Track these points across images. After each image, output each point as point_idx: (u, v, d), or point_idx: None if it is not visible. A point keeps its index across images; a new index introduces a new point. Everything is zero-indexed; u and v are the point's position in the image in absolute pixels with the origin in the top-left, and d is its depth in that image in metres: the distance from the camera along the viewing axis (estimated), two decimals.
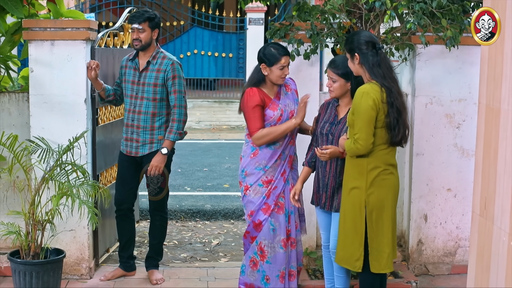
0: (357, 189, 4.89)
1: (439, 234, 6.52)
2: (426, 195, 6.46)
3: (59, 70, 6.08)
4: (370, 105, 4.74)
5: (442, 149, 6.43)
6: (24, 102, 6.28)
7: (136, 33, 5.95)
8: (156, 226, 6.25)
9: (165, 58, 6.03)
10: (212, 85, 20.84)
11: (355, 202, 4.90)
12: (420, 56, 6.31)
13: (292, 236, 5.58)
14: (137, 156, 6.09)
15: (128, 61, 6.14)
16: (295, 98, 5.61)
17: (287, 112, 5.50)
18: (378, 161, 4.88)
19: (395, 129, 4.84)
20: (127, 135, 6.11)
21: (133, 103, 6.05)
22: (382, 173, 4.90)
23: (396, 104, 4.82)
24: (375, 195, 4.88)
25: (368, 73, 4.88)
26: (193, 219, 8.60)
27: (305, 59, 6.09)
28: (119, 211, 6.26)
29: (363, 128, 4.76)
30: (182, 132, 6.03)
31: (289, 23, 6.18)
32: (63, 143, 5.85)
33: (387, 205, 4.93)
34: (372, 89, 4.78)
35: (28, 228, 5.66)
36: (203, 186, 10.44)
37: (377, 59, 4.88)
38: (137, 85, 6.03)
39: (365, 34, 4.96)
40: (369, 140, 4.78)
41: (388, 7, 5.39)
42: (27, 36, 6.07)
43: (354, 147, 4.80)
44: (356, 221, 4.91)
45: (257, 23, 20.27)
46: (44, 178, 5.69)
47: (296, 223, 5.61)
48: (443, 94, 6.39)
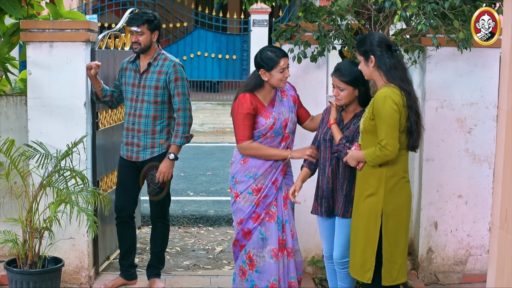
0: (374, 197, 4.71)
1: (450, 242, 6.35)
2: (436, 201, 6.30)
3: (58, 72, 5.93)
4: (394, 108, 4.57)
5: (453, 154, 6.27)
6: (22, 106, 6.12)
7: (135, 36, 5.79)
8: (158, 234, 6.07)
9: (167, 60, 5.86)
10: (216, 87, 20.70)
11: (371, 210, 4.72)
12: (431, 59, 6.14)
13: (288, 245, 5.39)
14: (138, 161, 5.91)
15: (129, 63, 5.97)
16: (290, 105, 5.39)
17: (280, 121, 5.29)
18: (398, 168, 4.72)
19: (413, 134, 4.68)
20: (128, 140, 5.93)
21: (133, 106, 5.87)
22: (401, 181, 4.75)
23: (415, 107, 4.68)
24: (393, 204, 4.71)
25: (385, 76, 4.70)
26: (196, 225, 8.42)
27: (312, 61, 5.91)
28: (120, 218, 6.08)
29: (390, 132, 4.58)
30: (188, 135, 5.87)
31: (295, 24, 6.01)
32: (62, 148, 5.71)
33: (403, 215, 4.78)
34: (393, 93, 4.61)
35: (26, 236, 5.50)
36: (206, 190, 10.25)
37: (393, 61, 4.70)
38: (137, 87, 5.86)
39: (378, 36, 4.77)
40: (397, 145, 4.61)
41: (398, 7, 5.20)
42: (25, 38, 5.91)
43: (381, 154, 4.60)
44: (369, 230, 4.74)
45: (261, 25, 20.11)
46: (42, 184, 5.52)
47: (292, 232, 5.42)
48: (454, 97, 6.23)
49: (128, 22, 5.84)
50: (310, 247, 6.32)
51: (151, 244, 6.14)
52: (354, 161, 4.81)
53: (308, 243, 6.32)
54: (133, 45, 5.81)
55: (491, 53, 6.15)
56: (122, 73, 5.99)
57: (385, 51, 4.71)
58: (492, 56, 6.16)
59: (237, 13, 20.57)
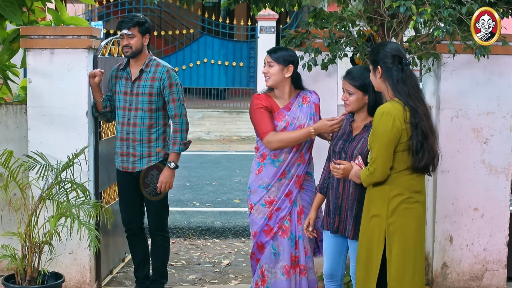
0: (377, 217, 4.46)
1: (465, 256, 6.15)
2: (451, 215, 6.10)
3: (59, 80, 5.76)
4: (389, 127, 4.31)
5: (468, 165, 6.07)
6: (22, 115, 5.96)
7: (126, 39, 5.60)
8: (158, 248, 5.87)
9: (159, 66, 5.68)
10: (222, 94, 20.56)
11: (373, 231, 4.47)
12: (446, 66, 5.94)
13: (301, 263, 5.20)
14: (134, 171, 5.71)
15: (119, 71, 5.77)
16: (311, 111, 5.16)
17: (293, 126, 5.09)
18: (402, 187, 4.43)
19: (418, 154, 4.39)
20: (122, 150, 5.73)
21: (126, 115, 5.68)
22: (406, 201, 4.44)
23: (421, 127, 4.37)
24: (397, 226, 4.42)
25: (392, 89, 4.45)
26: (202, 237, 8.19)
27: (323, 69, 5.73)
28: (129, 230, 5.93)
29: (380, 151, 4.35)
30: (187, 141, 5.68)
31: (305, 31, 5.81)
32: (64, 159, 5.53)
33: (410, 238, 4.45)
34: (394, 108, 4.35)
35: (24, 251, 5.30)
36: (212, 201, 10.02)
37: (402, 75, 4.43)
38: (130, 95, 5.67)
39: (392, 47, 4.52)
40: (386, 165, 4.36)
41: (413, 12, 4.98)
42: (25, 44, 5.74)
43: (369, 173, 4.39)
44: (371, 253, 4.48)
45: (268, 31, 19.97)
46: (41, 197, 5.32)
47: (306, 249, 5.22)
48: (470, 106, 6.03)
49: (118, 25, 5.64)
50: (320, 262, 6.08)
51: (152, 258, 5.93)
52: (358, 179, 4.58)
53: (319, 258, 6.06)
54: (124, 49, 5.63)
55: (509, 61, 5.97)
56: (112, 81, 5.79)
57: (394, 63, 4.45)
58: (509, 63, 5.97)
59: (244, 19, 20.45)
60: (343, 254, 4.99)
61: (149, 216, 5.85)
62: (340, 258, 4.99)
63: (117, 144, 5.77)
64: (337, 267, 5.00)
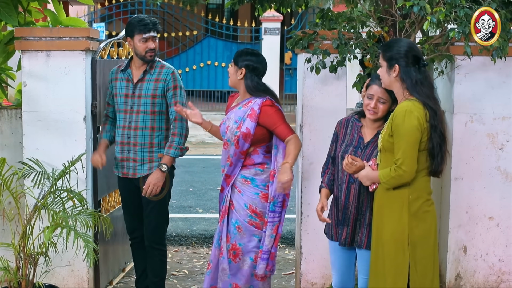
0: (397, 223, 4.24)
1: (480, 267, 5.90)
2: (465, 224, 5.85)
3: (56, 84, 5.53)
4: (415, 125, 4.15)
5: (483, 172, 5.82)
6: (17, 120, 5.74)
7: (153, 42, 5.39)
8: (156, 263, 5.61)
9: (164, 67, 5.47)
10: (226, 97, 20.34)
11: (397, 239, 4.26)
12: (460, 69, 5.68)
13: (221, 261, 5.21)
14: (135, 177, 5.47)
15: (118, 72, 5.53)
16: (240, 116, 5.09)
17: (224, 126, 5.20)
18: (421, 190, 4.29)
19: (437, 157, 4.22)
20: (122, 155, 5.49)
21: (127, 118, 5.43)
22: (425, 204, 4.31)
23: (440, 128, 4.22)
24: (419, 230, 4.27)
25: (409, 90, 4.25)
26: (206, 245, 7.95)
27: (331, 72, 5.49)
28: (133, 239, 5.71)
29: (408, 151, 4.16)
30: (183, 147, 5.44)
31: (312, 32, 5.56)
32: (60, 166, 5.30)
33: (430, 241, 4.34)
34: (415, 107, 4.18)
35: (18, 263, 5.06)
36: (216, 207, 9.68)
37: (420, 76, 4.24)
38: (131, 97, 5.43)
39: (409, 44, 4.30)
40: (414, 165, 4.19)
41: (427, 12, 4.73)
42: (19, 47, 5.52)
43: (396, 175, 4.16)
44: (398, 260, 4.29)
45: (272, 33, 19.85)
46: (36, 206, 5.07)
47: (222, 248, 5.18)
48: (485, 111, 5.78)
49: (141, 28, 5.36)
50: (328, 273, 5.86)
51: (149, 273, 5.66)
52: (368, 181, 4.39)
53: (326, 269, 5.87)
54: (147, 53, 5.38)
55: None
56: (112, 84, 5.55)
57: (412, 63, 4.25)
58: None
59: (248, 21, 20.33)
60: (352, 266, 4.82)
61: (147, 228, 5.58)
62: (350, 271, 4.83)
63: (117, 149, 5.53)
64: (347, 280, 4.85)
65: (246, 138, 5.02)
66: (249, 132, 5.01)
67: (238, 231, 5.11)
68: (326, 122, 5.66)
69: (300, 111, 5.90)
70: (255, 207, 5.09)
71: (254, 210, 5.09)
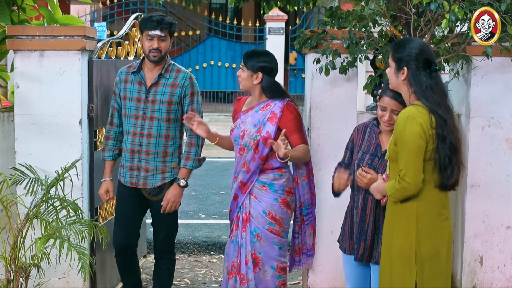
0: (405, 238, 3.93)
1: (497, 279, 5.67)
2: (482, 234, 5.63)
3: (50, 85, 5.27)
4: (417, 132, 3.82)
5: (501, 180, 5.58)
6: (10, 123, 5.49)
7: (157, 41, 5.02)
8: (163, 271, 5.33)
9: (180, 72, 5.14)
10: (230, 98, 20.36)
11: (404, 255, 3.95)
12: (476, 70, 5.43)
13: (241, 271, 4.96)
14: (146, 187, 5.14)
15: (129, 74, 5.19)
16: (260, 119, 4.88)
17: (239, 130, 4.96)
18: (431, 203, 3.94)
19: (446, 170, 3.89)
20: (132, 164, 5.14)
21: (139, 124, 5.09)
22: (436, 219, 3.97)
23: (450, 139, 3.88)
24: (428, 246, 3.94)
25: (417, 95, 3.92)
26: (208, 253, 7.68)
27: (342, 73, 5.23)
28: (124, 253, 5.31)
29: (410, 161, 3.83)
30: (201, 158, 5.18)
31: (321, 31, 5.30)
32: (55, 172, 5.02)
33: (441, 259, 4.00)
34: (418, 112, 3.85)
35: (9, 276, 4.80)
36: (219, 212, 9.49)
37: (430, 82, 3.91)
38: (144, 102, 5.09)
39: (421, 47, 3.96)
40: (419, 176, 3.85)
41: (445, 10, 4.45)
42: (12, 46, 5.25)
43: (400, 187, 3.85)
44: (405, 278, 3.97)
45: (277, 33, 19.68)
46: (28, 216, 4.79)
47: (247, 258, 4.92)
48: (503, 115, 5.54)
49: (146, 25, 5.04)
50: (338, 286, 5.61)
51: (154, 281, 5.39)
52: (379, 195, 4.10)
53: (336, 281, 5.65)
54: (151, 53, 5.03)
55: None
56: (121, 86, 5.21)
57: (423, 67, 3.93)
58: None
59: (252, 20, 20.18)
60: (367, 281, 4.56)
61: (157, 236, 5.30)
62: (366, 284, 4.57)
63: (126, 157, 5.18)
64: None
65: (266, 143, 4.82)
66: (269, 136, 4.81)
67: (258, 239, 4.90)
68: (335, 126, 5.45)
69: (308, 114, 5.64)
70: (274, 213, 4.89)
71: (273, 216, 4.88)
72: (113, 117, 5.25)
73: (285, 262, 4.99)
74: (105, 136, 5.29)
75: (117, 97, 5.21)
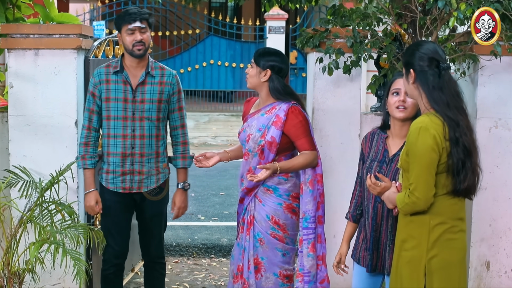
0: (415, 250, 3.76)
1: (504, 284, 5.57)
2: (488, 237, 5.52)
3: (45, 85, 5.17)
4: (429, 145, 3.61)
5: (508, 182, 5.48)
6: (3, 124, 5.40)
7: (139, 33, 4.80)
8: (157, 277, 5.14)
9: (165, 69, 4.97)
10: (230, 97, 20.16)
11: (413, 268, 3.76)
12: (483, 70, 5.30)
13: (244, 276, 4.83)
14: (140, 191, 4.94)
15: (111, 74, 4.91)
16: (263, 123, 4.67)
17: (245, 133, 4.78)
18: (443, 215, 3.73)
19: (459, 174, 3.68)
20: (124, 168, 4.89)
21: (129, 126, 4.86)
22: (449, 231, 3.75)
23: (463, 142, 3.66)
24: (440, 260, 3.73)
25: (426, 97, 3.72)
26: (207, 256, 7.53)
27: (345, 73, 5.09)
28: (116, 266, 5.04)
29: (421, 176, 3.63)
30: (193, 155, 5.06)
31: (324, 29, 5.15)
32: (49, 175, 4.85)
33: (454, 274, 3.79)
34: (432, 122, 3.64)
35: (2, 281, 4.69)
36: (219, 214, 9.36)
37: (438, 81, 3.72)
38: (132, 103, 4.85)
39: (429, 48, 3.78)
40: (429, 191, 3.65)
41: (453, 7, 4.30)
42: (5, 44, 5.15)
43: (409, 202, 3.66)
44: None
45: (277, 32, 19.51)
46: (21, 220, 4.65)
47: (249, 263, 4.77)
48: (510, 116, 5.43)
49: (126, 18, 4.81)
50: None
51: None
52: (390, 204, 3.91)
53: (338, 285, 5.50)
54: (134, 46, 4.80)
55: None
56: (101, 87, 4.90)
57: (430, 66, 3.74)
58: None
59: (252, 19, 20.04)
60: None
61: (150, 243, 5.08)
62: None
63: (115, 161, 4.89)
64: None
65: (271, 148, 4.64)
66: (274, 141, 4.62)
67: (260, 244, 4.74)
68: (338, 127, 5.33)
69: (310, 115, 5.49)
70: (277, 219, 4.71)
71: (276, 221, 4.71)
72: (91, 121, 4.91)
73: (290, 269, 4.78)
74: (83, 142, 4.92)
75: (97, 99, 4.89)
